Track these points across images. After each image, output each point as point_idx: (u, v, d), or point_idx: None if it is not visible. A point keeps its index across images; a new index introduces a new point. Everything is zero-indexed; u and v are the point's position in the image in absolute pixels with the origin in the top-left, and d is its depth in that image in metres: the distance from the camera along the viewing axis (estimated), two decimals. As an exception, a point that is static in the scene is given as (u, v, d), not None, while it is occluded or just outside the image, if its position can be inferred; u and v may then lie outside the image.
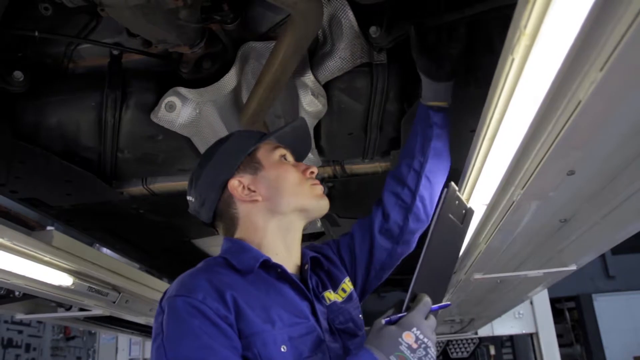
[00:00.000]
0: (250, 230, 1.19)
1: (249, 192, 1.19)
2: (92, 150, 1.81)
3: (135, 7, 1.18)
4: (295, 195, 1.20)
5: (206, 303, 0.98)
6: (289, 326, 1.05)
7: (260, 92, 1.51)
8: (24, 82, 1.51)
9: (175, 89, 1.56)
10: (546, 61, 0.81)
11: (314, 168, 1.26)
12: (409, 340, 0.93)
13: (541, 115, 0.92)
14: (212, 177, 1.22)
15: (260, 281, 1.10)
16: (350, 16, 1.42)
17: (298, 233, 1.24)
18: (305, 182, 1.23)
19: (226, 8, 1.41)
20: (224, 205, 1.21)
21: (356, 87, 1.57)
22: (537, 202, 1.33)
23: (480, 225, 1.54)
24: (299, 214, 1.21)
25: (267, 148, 1.26)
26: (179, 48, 1.43)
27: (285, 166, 1.24)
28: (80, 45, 1.59)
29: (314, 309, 1.12)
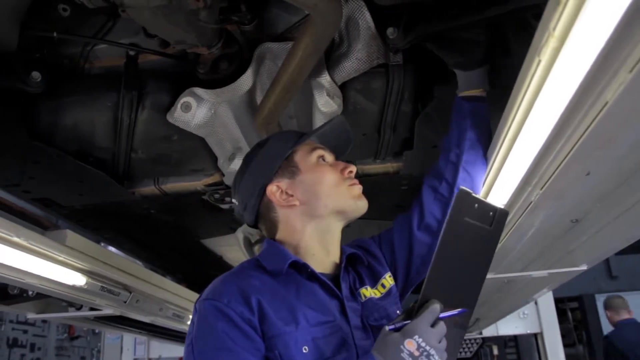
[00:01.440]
0: (289, 233, 1.20)
1: (287, 197, 1.20)
2: (106, 150, 1.81)
3: (156, 7, 1.19)
4: (333, 197, 1.20)
5: (231, 306, 1.02)
6: (313, 326, 1.06)
7: (277, 92, 1.52)
8: (42, 83, 1.51)
9: (191, 89, 1.57)
10: (575, 63, 0.81)
11: (352, 167, 1.24)
12: (411, 348, 0.94)
13: (566, 116, 0.93)
14: (252, 182, 1.23)
15: (290, 282, 1.12)
16: (367, 17, 1.43)
17: (336, 234, 1.24)
18: (343, 183, 1.22)
19: (244, 9, 1.42)
20: (264, 209, 1.23)
21: (372, 88, 1.58)
22: (555, 203, 1.34)
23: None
24: (336, 216, 1.21)
25: (305, 150, 1.26)
26: (197, 49, 1.44)
27: (323, 168, 1.23)
28: (97, 45, 1.59)
29: (344, 307, 1.13)
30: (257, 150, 1.27)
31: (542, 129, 0.99)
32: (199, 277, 3.44)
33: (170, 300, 2.65)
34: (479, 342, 5.48)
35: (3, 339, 4.42)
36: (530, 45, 0.91)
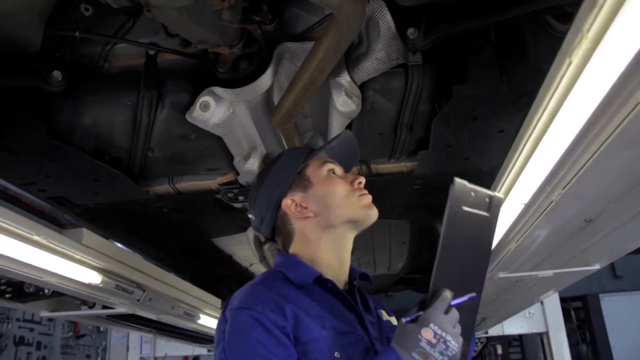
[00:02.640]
0: (305, 245, 1.24)
1: (301, 209, 1.24)
2: (123, 149, 1.82)
3: (182, 7, 1.19)
4: (344, 208, 1.24)
5: (265, 314, 1.05)
6: (341, 334, 1.10)
7: (296, 92, 1.52)
8: (62, 82, 1.52)
9: (210, 88, 1.57)
10: (608, 64, 0.82)
11: (361, 178, 1.28)
12: (428, 336, 0.97)
13: (595, 116, 0.94)
14: (267, 196, 1.27)
15: (314, 293, 1.16)
16: (387, 17, 1.43)
17: (349, 244, 1.27)
18: (353, 194, 1.25)
19: (265, 9, 1.43)
20: (280, 222, 1.27)
21: (391, 88, 1.59)
22: (575, 203, 1.35)
23: (514, 225, 1.56)
24: (348, 226, 1.25)
25: (316, 164, 1.30)
26: (219, 48, 1.45)
27: (333, 180, 1.27)
28: (116, 45, 1.60)
29: (361, 320, 1.17)
30: (271, 166, 1.32)
31: (570, 129, 1.00)
32: (208, 276, 3.45)
33: (181, 298, 2.66)
34: (483, 341, 5.49)
35: (10, 337, 4.43)
36: (561, 46, 0.92)
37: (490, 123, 1.74)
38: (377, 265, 3.53)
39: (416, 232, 2.87)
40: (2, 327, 4.33)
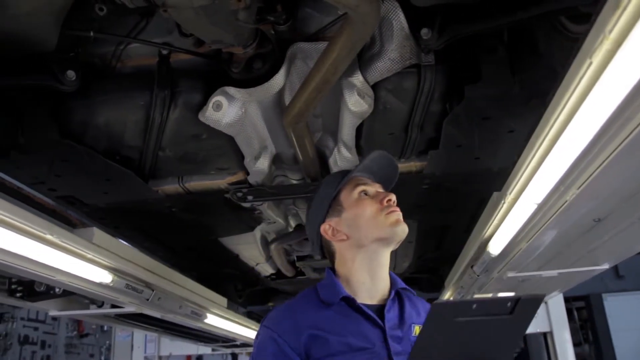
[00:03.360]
0: (342, 264, 1.37)
1: (336, 233, 1.37)
2: (134, 149, 1.83)
3: (199, 7, 1.20)
4: (372, 227, 1.32)
5: (284, 338, 1.22)
6: (356, 350, 1.21)
7: (308, 91, 1.53)
8: (76, 82, 1.53)
9: (223, 88, 1.58)
10: (630, 66, 0.83)
11: (391, 195, 1.36)
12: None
13: (614, 116, 0.94)
14: (312, 222, 1.43)
15: (342, 310, 1.29)
16: (401, 18, 1.44)
17: (383, 261, 1.36)
18: (381, 213, 1.33)
19: (279, 9, 1.43)
20: (325, 244, 1.42)
21: (404, 88, 1.59)
22: (589, 203, 1.35)
23: (525, 224, 1.56)
24: (379, 244, 1.33)
25: (349, 188, 1.40)
26: (233, 48, 1.45)
27: (363, 202, 1.36)
28: (130, 45, 1.60)
29: (385, 336, 1.25)
30: (314, 196, 1.46)
31: (588, 129, 1.01)
32: (214, 276, 3.46)
33: (189, 298, 2.67)
34: (486, 341, 5.49)
35: (14, 336, 4.44)
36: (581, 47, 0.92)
37: (501, 123, 1.75)
38: (383, 265, 3.53)
39: (423, 232, 2.87)
40: (7, 326, 4.33)
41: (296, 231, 2.79)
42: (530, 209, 1.43)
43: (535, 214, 1.45)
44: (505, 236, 1.71)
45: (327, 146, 2.03)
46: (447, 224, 2.80)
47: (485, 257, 1.97)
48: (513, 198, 1.48)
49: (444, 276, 3.77)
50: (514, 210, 1.52)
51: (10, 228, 1.47)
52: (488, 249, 1.90)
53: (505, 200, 1.52)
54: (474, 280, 2.29)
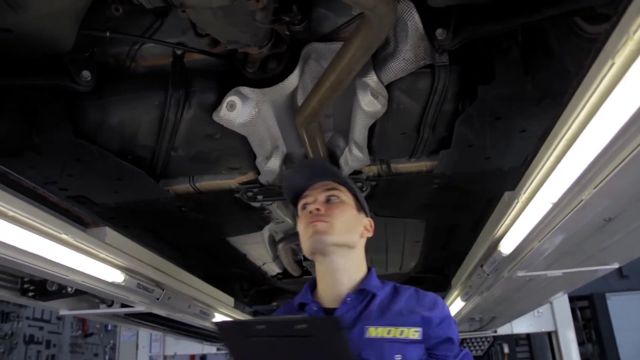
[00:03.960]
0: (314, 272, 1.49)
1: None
2: (147, 148, 1.83)
3: (217, 8, 1.21)
4: (304, 242, 1.42)
5: None
6: None
7: (322, 91, 1.53)
8: (91, 82, 1.53)
9: (237, 88, 1.58)
10: (654, 65, 0.83)
11: (311, 206, 1.43)
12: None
13: (635, 116, 0.95)
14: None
15: (309, 314, 1.39)
16: (416, 18, 1.44)
17: (334, 267, 1.40)
18: (307, 226, 1.40)
19: (295, 9, 1.44)
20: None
21: (417, 88, 1.60)
22: (604, 202, 1.36)
23: (539, 223, 1.57)
24: (313, 256, 1.42)
25: (300, 204, 1.49)
26: (248, 48, 1.46)
27: (300, 217, 1.47)
28: (144, 45, 1.61)
29: None
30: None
31: (609, 128, 1.01)
32: (221, 275, 3.47)
33: (197, 297, 2.68)
34: (490, 340, 5.51)
35: (20, 335, 4.45)
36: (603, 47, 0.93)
37: (513, 123, 1.75)
38: (389, 264, 3.54)
39: (430, 231, 2.88)
40: (12, 325, 4.34)
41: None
42: (545, 208, 1.44)
43: (550, 213, 1.45)
44: (518, 235, 1.72)
45: (337, 146, 2.04)
46: (455, 223, 2.81)
47: (495, 256, 1.98)
48: (527, 197, 1.48)
49: (450, 276, 3.78)
50: (527, 210, 1.52)
51: (25, 227, 1.48)
52: (499, 248, 1.90)
53: (519, 200, 1.53)
54: (483, 280, 2.30)
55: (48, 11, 1.18)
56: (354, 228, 1.45)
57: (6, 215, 1.41)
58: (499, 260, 1.98)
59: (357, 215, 1.48)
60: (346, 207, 1.45)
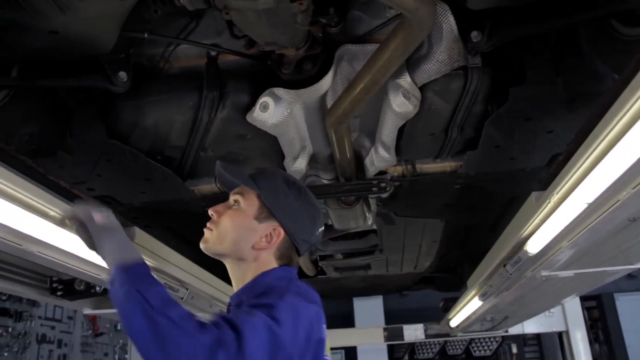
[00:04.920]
0: None
1: None
2: (178, 148, 1.85)
3: (261, 10, 1.22)
4: None
5: None
6: None
7: (355, 92, 1.54)
8: (127, 83, 1.55)
9: (271, 89, 1.60)
10: None
11: (210, 211, 1.39)
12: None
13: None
14: None
15: None
16: (451, 20, 1.46)
17: (230, 271, 1.37)
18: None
19: (332, 11, 1.45)
20: None
21: (450, 90, 1.61)
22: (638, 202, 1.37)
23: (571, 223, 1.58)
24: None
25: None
26: (285, 50, 1.47)
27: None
28: (179, 46, 1.62)
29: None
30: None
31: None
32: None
33: (218, 297, 2.69)
34: (498, 340, 5.53)
35: (32, 334, 4.46)
36: None
37: (541, 124, 1.77)
38: (404, 264, 3.56)
39: (449, 231, 2.90)
40: (25, 324, 4.36)
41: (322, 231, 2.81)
42: (580, 208, 1.45)
43: (583, 212, 1.47)
44: (546, 235, 1.73)
45: (363, 146, 2.05)
46: (473, 223, 2.82)
47: (521, 255, 1.99)
48: (560, 197, 1.49)
49: (464, 275, 3.80)
50: (560, 209, 1.54)
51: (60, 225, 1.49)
52: (525, 248, 1.92)
53: (550, 200, 1.54)
54: (505, 280, 2.31)
55: (96, 13, 1.19)
56: (244, 239, 1.31)
57: (42, 212, 1.43)
58: (524, 260, 1.99)
59: (253, 225, 1.32)
60: (237, 216, 1.34)
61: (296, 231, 1.34)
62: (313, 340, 1.18)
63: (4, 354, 4.07)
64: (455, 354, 5.64)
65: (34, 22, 1.20)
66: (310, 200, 1.40)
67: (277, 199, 1.35)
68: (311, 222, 1.38)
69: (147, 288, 1.06)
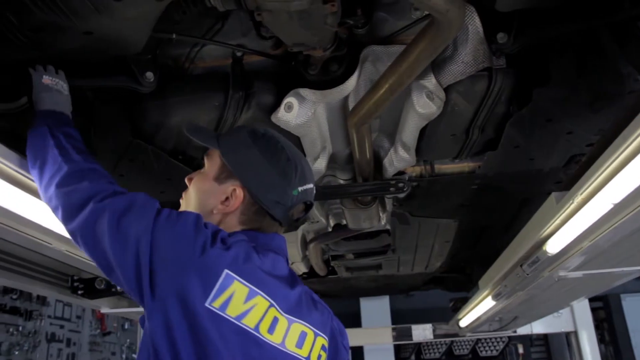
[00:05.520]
0: None
1: None
2: (200, 149, 1.86)
3: (294, 11, 1.23)
4: None
5: None
6: None
7: (380, 93, 1.55)
8: (154, 83, 1.56)
9: (296, 90, 1.61)
10: None
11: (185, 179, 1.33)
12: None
13: None
14: None
15: None
16: (477, 22, 1.47)
17: None
18: None
19: (359, 12, 1.47)
20: None
21: (474, 91, 1.62)
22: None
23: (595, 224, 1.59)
24: None
25: None
26: (314, 51, 1.49)
27: None
28: (204, 46, 1.63)
29: None
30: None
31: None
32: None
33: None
34: (504, 340, 5.54)
35: (42, 333, 4.48)
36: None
37: (562, 125, 1.78)
38: (416, 264, 3.57)
39: (461, 232, 2.91)
40: (35, 323, 4.37)
41: (335, 230, 2.82)
42: (605, 209, 1.46)
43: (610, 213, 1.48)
44: (568, 235, 1.74)
45: (382, 146, 2.06)
46: (487, 224, 2.83)
47: (540, 255, 2.00)
48: (584, 197, 1.50)
49: (473, 275, 3.81)
50: (584, 210, 1.55)
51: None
52: (544, 247, 1.93)
53: (574, 200, 1.55)
54: (521, 280, 2.32)
55: (133, 14, 1.20)
56: (204, 204, 1.23)
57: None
58: (543, 260, 2.01)
59: (213, 188, 1.23)
60: (199, 180, 1.27)
61: (261, 191, 1.20)
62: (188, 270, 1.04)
63: (15, 352, 4.09)
64: (461, 354, 5.65)
65: (70, 23, 1.21)
66: (284, 153, 1.24)
67: (237, 155, 1.23)
68: (283, 180, 1.21)
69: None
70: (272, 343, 1.10)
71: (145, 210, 1.14)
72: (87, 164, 1.26)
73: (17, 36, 1.23)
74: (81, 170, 1.24)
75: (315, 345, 1.19)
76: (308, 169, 1.30)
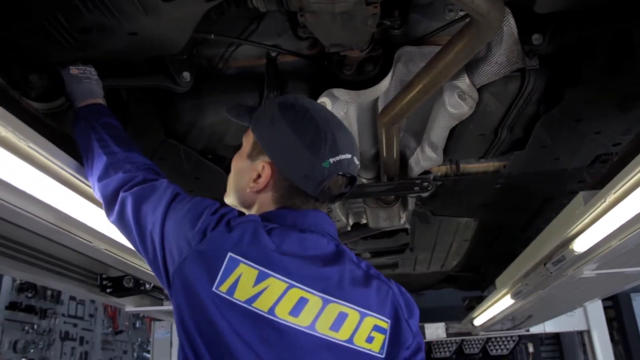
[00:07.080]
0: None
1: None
2: (230, 148, 1.88)
3: (338, 13, 1.25)
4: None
5: None
6: None
7: (413, 93, 1.56)
8: (190, 83, 1.58)
9: (330, 90, 1.62)
10: None
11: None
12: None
13: None
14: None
15: None
16: (511, 23, 1.48)
17: None
18: None
19: (396, 14, 1.48)
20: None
21: (507, 92, 1.64)
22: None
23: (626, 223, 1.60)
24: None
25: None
26: (351, 52, 1.50)
27: None
28: (239, 46, 1.65)
29: None
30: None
31: None
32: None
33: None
34: (515, 339, 5.54)
35: (56, 332, 4.50)
36: None
37: (590, 125, 1.79)
38: (432, 263, 3.58)
39: (481, 231, 2.92)
40: (50, 322, 4.40)
41: (354, 230, 2.84)
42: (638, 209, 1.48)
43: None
44: (597, 234, 1.76)
45: (408, 146, 2.08)
46: (506, 223, 2.84)
47: (566, 254, 2.02)
48: (617, 197, 1.52)
49: (487, 274, 3.82)
50: (615, 209, 1.56)
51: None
52: (571, 246, 1.94)
53: (606, 199, 1.56)
54: (544, 278, 2.33)
55: (180, 15, 1.22)
56: (240, 183, 1.20)
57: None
58: (569, 259, 2.02)
59: (246, 165, 1.19)
60: (236, 159, 1.24)
61: (289, 165, 1.12)
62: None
63: (30, 350, 4.11)
64: (472, 353, 5.65)
65: (117, 23, 1.23)
66: (313, 122, 1.12)
67: (264, 129, 1.16)
68: (311, 152, 1.09)
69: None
70: (295, 326, 1.03)
71: (161, 198, 1.17)
72: (125, 154, 1.30)
73: (65, 37, 1.25)
74: (118, 161, 1.28)
75: (361, 327, 1.08)
76: (344, 138, 1.16)
